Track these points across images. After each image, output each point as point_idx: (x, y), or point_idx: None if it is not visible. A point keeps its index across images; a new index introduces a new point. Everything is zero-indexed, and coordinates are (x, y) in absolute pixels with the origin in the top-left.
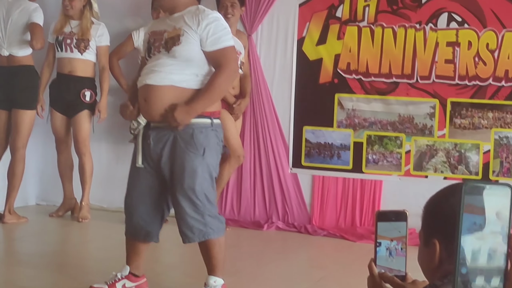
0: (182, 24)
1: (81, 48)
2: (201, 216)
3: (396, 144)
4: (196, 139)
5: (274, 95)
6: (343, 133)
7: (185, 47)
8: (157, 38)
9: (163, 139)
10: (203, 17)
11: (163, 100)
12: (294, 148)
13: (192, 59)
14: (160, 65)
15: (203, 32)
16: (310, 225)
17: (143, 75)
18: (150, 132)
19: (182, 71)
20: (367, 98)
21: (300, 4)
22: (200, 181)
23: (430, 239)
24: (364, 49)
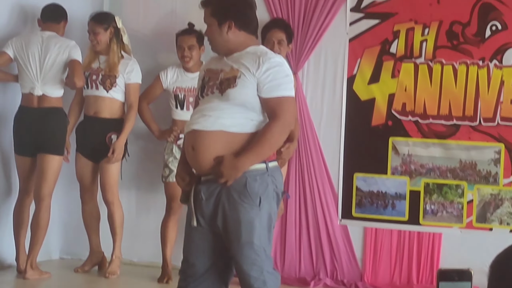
0: (240, 65)
1: (107, 85)
2: (259, 272)
3: (457, 193)
4: (250, 188)
5: (322, 138)
6: (398, 180)
7: (240, 91)
8: (212, 77)
9: (214, 193)
10: (264, 60)
11: (212, 148)
12: (344, 197)
13: (247, 104)
14: (210, 109)
15: (261, 76)
16: (361, 282)
17: (191, 119)
18: (200, 187)
19: (233, 115)
20: (425, 142)
21: (351, 39)
22: (258, 235)
23: None
24: (421, 88)
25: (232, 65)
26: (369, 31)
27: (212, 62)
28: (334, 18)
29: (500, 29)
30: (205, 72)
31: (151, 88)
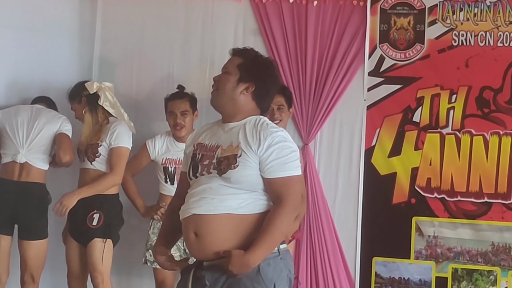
0: (240, 140)
1: (89, 156)
2: None
3: (489, 280)
4: (264, 274)
5: (337, 218)
6: (422, 266)
7: (243, 172)
8: (206, 155)
9: (221, 280)
10: (266, 135)
11: (219, 233)
12: (362, 285)
13: (252, 185)
14: (211, 191)
15: (263, 154)
16: None
17: (189, 203)
18: (204, 273)
19: (240, 196)
20: (453, 223)
21: (369, 106)
22: None
23: None
24: (448, 162)
25: (231, 141)
26: (389, 98)
27: (203, 135)
28: (350, 82)
29: None
30: (196, 147)
31: (136, 158)
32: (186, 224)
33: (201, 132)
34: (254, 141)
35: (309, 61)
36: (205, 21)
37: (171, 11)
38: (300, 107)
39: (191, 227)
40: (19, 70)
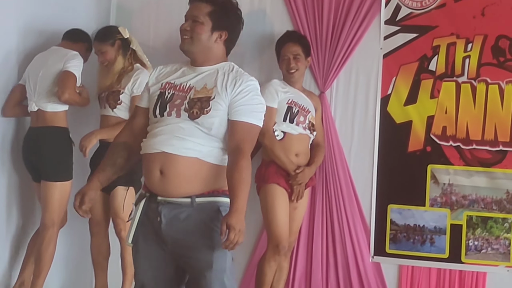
0: (216, 84)
1: (111, 103)
2: None
3: (504, 227)
4: (221, 215)
5: (352, 165)
6: (437, 213)
7: (214, 117)
8: (178, 95)
9: (180, 216)
10: (242, 81)
11: (186, 175)
12: (377, 232)
13: (219, 129)
14: (183, 131)
15: (235, 97)
16: None
17: (158, 140)
18: (160, 208)
19: (209, 143)
20: (468, 171)
21: (385, 55)
22: (229, 264)
23: None
24: (464, 110)
25: (206, 83)
26: (405, 46)
27: (172, 75)
28: (366, 31)
29: None
30: (164, 85)
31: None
32: (152, 160)
33: (167, 72)
34: (230, 84)
35: (326, 9)
36: None
37: None
38: (316, 55)
39: (157, 164)
40: (38, 15)
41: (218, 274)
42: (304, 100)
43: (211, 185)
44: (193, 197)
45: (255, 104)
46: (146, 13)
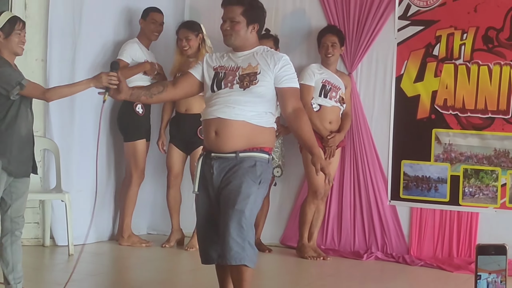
0: (258, 62)
1: None
2: (242, 240)
3: (492, 177)
4: (258, 169)
5: (373, 130)
6: (440, 167)
7: (262, 86)
8: (228, 73)
9: (226, 167)
10: (279, 58)
11: (234, 135)
12: (393, 181)
13: (265, 97)
14: (234, 102)
15: (279, 71)
16: (408, 255)
17: (214, 108)
18: (213, 162)
19: (255, 109)
20: (464, 133)
21: (399, 43)
22: (250, 207)
23: None
24: (461, 86)
25: (250, 63)
26: (414, 36)
27: (218, 59)
28: (384, 25)
29: None
30: (217, 68)
31: None
32: (209, 123)
33: (216, 58)
34: (270, 61)
35: (352, 7)
36: None
37: None
38: (345, 44)
39: (213, 127)
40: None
41: (238, 214)
42: (336, 79)
43: (252, 142)
44: (237, 152)
45: (293, 72)
46: (212, 13)
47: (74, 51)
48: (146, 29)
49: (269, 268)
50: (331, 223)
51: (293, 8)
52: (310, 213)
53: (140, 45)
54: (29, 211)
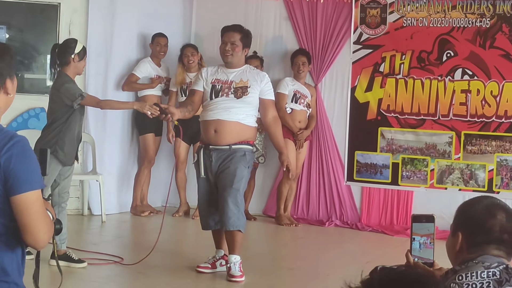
0: (248, 78)
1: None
2: (238, 210)
3: (423, 164)
4: (247, 157)
5: (334, 128)
6: (384, 156)
7: (251, 97)
8: (224, 86)
9: (222, 157)
10: (263, 76)
11: (230, 132)
12: (348, 167)
13: (252, 104)
14: (230, 107)
15: (264, 86)
16: (359, 223)
17: (213, 111)
18: (211, 153)
19: (244, 112)
20: (402, 131)
21: (353, 62)
22: (243, 186)
23: (456, 231)
24: (400, 95)
25: (241, 78)
26: (365, 57)
27: (215, 73)
28: (342, 48)
29: (452, 56)
30: (214, 81)
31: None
32: (209, 123)
33: (211, 73)
34: (257, 78)
35: (318, 35)
36: (257, 11)
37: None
38: (313, 62)
39: (212, 126)
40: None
41: (234, 192)
42: (304, 90)
43: (241, 137)
44: (230, 145)
45: (271, 87)
46: (211, 40)
47: (106, 67)
48: (154, 50)
49: (254, 232)
50: (301, 198)
51: (273, 35)
52: (285, 190)
53: (150, 63)
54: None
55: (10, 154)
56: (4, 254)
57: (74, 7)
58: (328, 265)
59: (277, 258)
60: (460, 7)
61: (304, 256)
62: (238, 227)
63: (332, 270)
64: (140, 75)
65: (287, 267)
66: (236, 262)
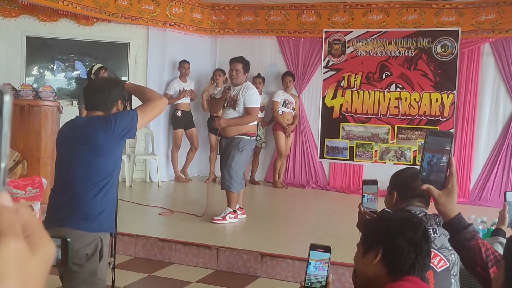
0: (238, 94)
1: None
2: (229, 176)
3: (370, 147)
4: (240, 144)
5: (311, 123)
6: (344, 142)
7: (239, 106)
8: (229, 99)
9: (227, 143)
10: (246, 89)
11: (230, 128)
12: (321, 149)
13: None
14: (230, 113)
15: (245, 96)
16: (328, 186)
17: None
18: (222, 140)
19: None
20: (356, 125)
21: (324, 80)
22: (235, 162)
23: (392, 191)
24: (354, 101)
25: (238, 93)
26: (331, 76)
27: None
28: (316, 70)
29: (389, 75)
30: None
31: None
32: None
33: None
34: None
35: (300, 62)
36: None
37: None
38: (297, 80)
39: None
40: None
41: (228, 166)
42: (291, 98)
43: (238, 131)
44: (233, 136)
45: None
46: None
47: (160, 84)
48: (180, 72)
49: (258, 193)
50: (289, 170)
51: (270, 62)
52: (279, 164)
53: (178, 82)
54: (138, 164)
55: None
56: None
57: (138, 44)
58: (307, 214)
59: (273, 209)
60: (394, 43)
61: (291, 208)
62: (230, 189)
63: (310, 217)
64: (171, 92)
65: (280, 215)
66: (226, 211)
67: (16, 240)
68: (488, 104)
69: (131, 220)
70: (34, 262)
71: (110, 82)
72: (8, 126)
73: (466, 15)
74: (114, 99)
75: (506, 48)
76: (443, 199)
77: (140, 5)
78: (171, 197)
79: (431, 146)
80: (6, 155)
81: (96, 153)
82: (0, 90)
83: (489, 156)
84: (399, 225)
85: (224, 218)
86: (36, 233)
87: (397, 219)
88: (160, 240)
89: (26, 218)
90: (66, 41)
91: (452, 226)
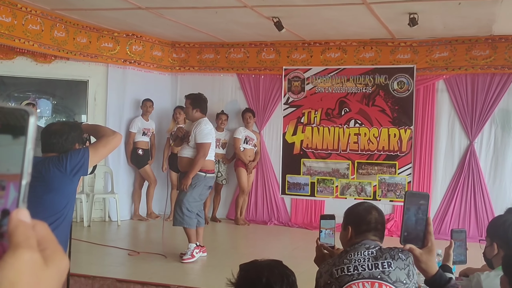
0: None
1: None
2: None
3: (331, 182)
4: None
5: (272, 159)
6: (305, 177)
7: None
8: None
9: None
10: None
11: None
12: (282, 185)
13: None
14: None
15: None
16: (290, 222)
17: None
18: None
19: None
20: (316, 161)
21: (284, 116)
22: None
23: (347, 226)
24: (315, 137)
25: (191, 130)
26: (291, 113)
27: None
28: (277, 106)
29: (348, 111)
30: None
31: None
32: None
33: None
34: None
35: (260, 98)
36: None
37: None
38: (257, 116)
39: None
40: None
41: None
42: (252, 135)
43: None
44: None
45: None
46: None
47: (120, 122)
48: (143, 111)
49: (220, 230)
50: (251, 206)
51: (231, 99)
52: (241, 201)
53: (141, 120)
54: (96, 204)
55: None
56: None
57: (97, 82)
58: (269, 251)
59: (235, 247)
60: (352, 79)
61: (253, 245)
62: (182, 225)
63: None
64: (134, 130)
65: (241, 253)
66: (190, 248)
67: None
68: (444, 139)
69: (88, 260)
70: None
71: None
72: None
73: (420, 53)
74: (71, 143)
75: (459, 84)
76: (424, 257)
77: (100, 42)
78: (132, 237)
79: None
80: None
81: (47, 189)
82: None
83: (447, 190)
84: None
85: (192, 255)
86: (50, 247)
87: None
88: (118, 280)
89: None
90: (23, 79)
91: (434, 282)
